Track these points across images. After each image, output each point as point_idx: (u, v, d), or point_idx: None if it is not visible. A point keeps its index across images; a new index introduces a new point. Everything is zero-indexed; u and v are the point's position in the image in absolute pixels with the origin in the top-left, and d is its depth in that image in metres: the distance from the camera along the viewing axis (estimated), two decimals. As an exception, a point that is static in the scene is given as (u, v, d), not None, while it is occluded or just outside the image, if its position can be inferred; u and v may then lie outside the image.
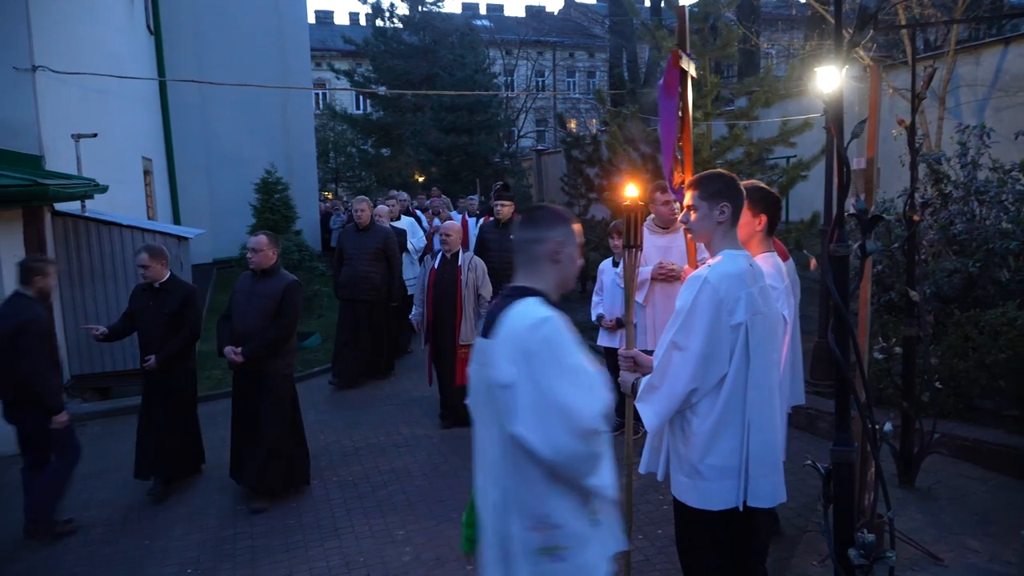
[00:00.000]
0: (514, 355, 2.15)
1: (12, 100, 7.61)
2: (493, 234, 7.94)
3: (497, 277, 7.43)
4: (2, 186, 6.73)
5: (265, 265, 5.66)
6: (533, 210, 2.50)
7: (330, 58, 33.85)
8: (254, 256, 5.64)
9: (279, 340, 5.61)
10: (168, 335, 5.82)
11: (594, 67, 42.39)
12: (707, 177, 2.98)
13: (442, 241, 7.11)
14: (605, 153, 11.44)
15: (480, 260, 7.14)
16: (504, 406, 2.17)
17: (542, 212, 2.45)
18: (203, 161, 16.70)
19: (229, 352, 5.57)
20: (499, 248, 7.75)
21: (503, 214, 7.85)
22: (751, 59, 17.58)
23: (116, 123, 11.09)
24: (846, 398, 2.68)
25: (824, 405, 6.13)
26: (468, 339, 6.83)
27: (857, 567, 2.63)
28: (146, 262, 5.80)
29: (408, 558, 4.71)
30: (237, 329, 5.65)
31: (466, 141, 20.38)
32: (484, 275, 7.01)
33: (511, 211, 7.85)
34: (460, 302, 6.87)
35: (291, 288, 5.66)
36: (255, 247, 5.67)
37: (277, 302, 5.60)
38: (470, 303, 6.91)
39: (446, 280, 6.96)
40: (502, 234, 7.79)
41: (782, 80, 9.69)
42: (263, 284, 5.66)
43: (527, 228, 2.39)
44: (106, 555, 5.09)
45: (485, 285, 6.98)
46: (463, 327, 6.89)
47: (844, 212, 2.63)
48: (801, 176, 8.70)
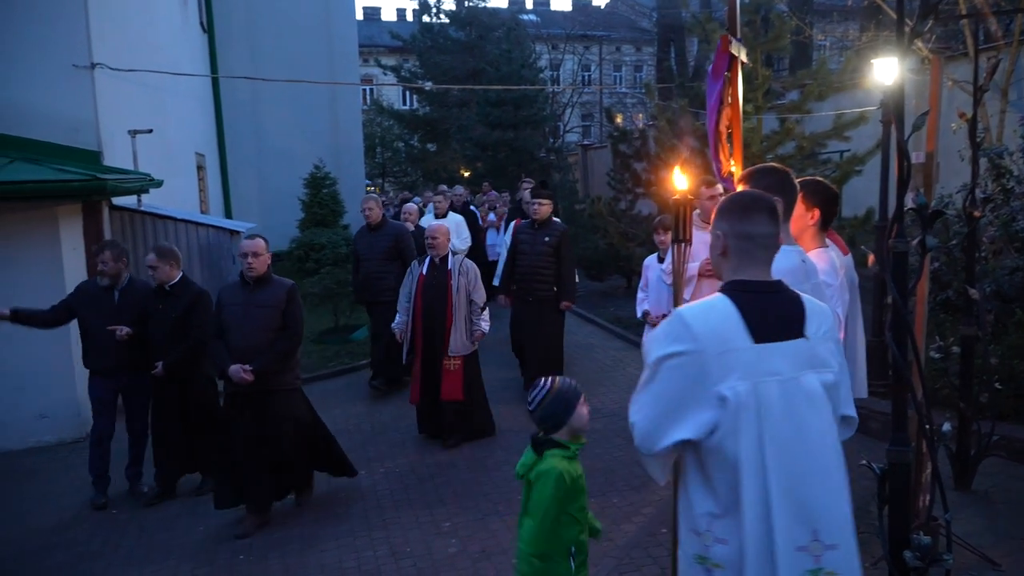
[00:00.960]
0: (834, 346, 2.21)
1: (72, 97, 7.81)
2: (527, 235, 7.38)
3: (528, 283, 7.24)
4: (64, 181, 6.94)
5: (262, 271, 5.16)
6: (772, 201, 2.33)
7: (377, 54, 34.11)
8: (254, 261, 5.09)
9: (291, 352, 5.22)
10: (175, 340, 5.59)
11: (641, 61, 42.05)
12: (759, 171, 2.93)
13: (429, 245, 6.51)
14: (653, 147, 11.35)
15: (472, 264, 6.58)
16: (835, 396, 2.20)
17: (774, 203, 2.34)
18: (254, 156, 16.99)
19: (237, 371, 4.97)
20: (532, 251, 7.29)
21: (540, 213, 7.30)
22: (804, 51, 17.27)
23: (171, 119, 11.33)
24: (903, 397, 2.62)
25: (876, 405, 6.00)
26: (458, 350, 6.35)
27: (912, 569, 2.58)
28: (153, 263, 5.62)
29: (454, 550, 4.74)
30: (237, 346, 5.06)
31: (512, 136, 20.37)
32: (476, 279, 6.46)
33: (549, 210, 7.38)
34: (451, 310, 6.33)
35: (293, 293, 5.24)
36: (255, 251, 5.11)
37: (280, 311, 5.15)
38: (461, 310, 6.36)
39: (435, 286, 6.40)
40: (536, 236, 7.30)
41: (836, 73, 9.50)
42: (260, 293, 5.14)
43: (776, 222, 2.29)
44: (162, 540, 5.23)
45: (477, 290, 6.45)
46: (453, 337, 6.33)
47: (904, 207, 2.56)
48: (855, 171, 8.51)
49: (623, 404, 7.27)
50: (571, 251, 7.52)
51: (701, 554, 2.16)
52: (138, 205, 8.77)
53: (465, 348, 6.38)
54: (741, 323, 2.11)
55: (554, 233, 7.28)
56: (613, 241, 11.44)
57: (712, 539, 2.13)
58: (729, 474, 2.09)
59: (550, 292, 7.28)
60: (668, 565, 4.17)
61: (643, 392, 2.21)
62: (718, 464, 2.11)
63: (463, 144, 22.93)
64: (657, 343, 2.19)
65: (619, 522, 4.97)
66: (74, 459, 6.70)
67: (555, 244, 7.23)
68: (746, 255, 2.23)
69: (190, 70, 12.60)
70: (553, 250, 7.21)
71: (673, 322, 2.18)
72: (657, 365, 2.15)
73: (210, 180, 14.69)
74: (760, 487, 2.06)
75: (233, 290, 5.25)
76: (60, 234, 7.25)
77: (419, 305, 6.44)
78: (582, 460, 3.15)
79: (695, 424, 2.09)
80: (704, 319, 2.13)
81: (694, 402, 2.09)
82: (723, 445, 2.07)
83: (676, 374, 2.11)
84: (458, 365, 6.35)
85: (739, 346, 2.09)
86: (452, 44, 26.54)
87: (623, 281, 13.94)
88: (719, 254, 2.29)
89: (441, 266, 6.46)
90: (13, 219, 7.07)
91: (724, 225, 2.27)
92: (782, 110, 9.33)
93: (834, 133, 8.73)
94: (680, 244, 3.22)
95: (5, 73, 7.56)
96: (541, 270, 7.24)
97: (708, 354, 2.07)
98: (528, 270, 7.29)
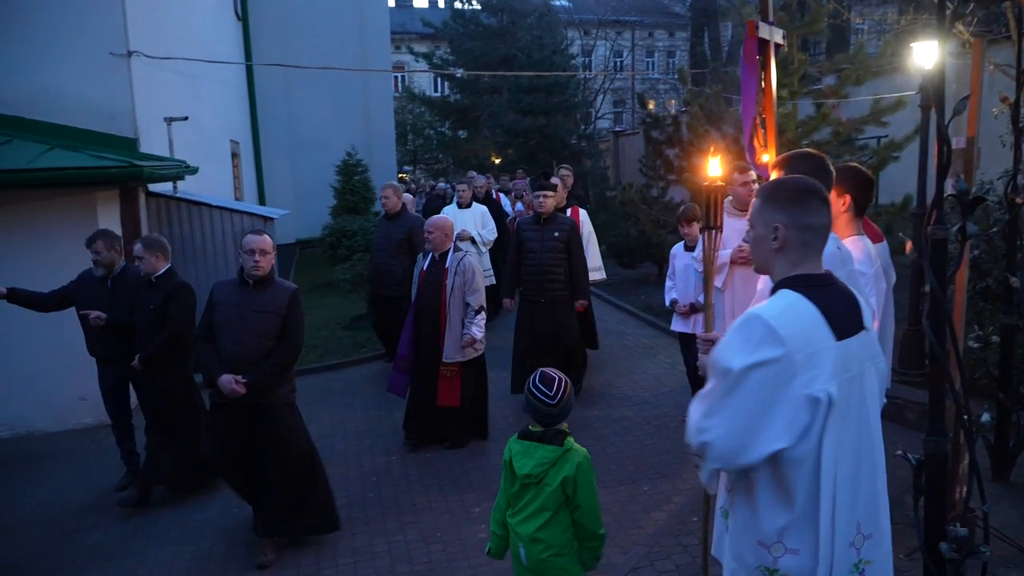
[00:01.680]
0: (876, 335, 2.26)
1: (109, 85, 7.92)
2: (533, 231, 6.80)
3: (539, 284, 6.68)
4: (102, 167, 7.05)
5: (268, 271, 4.59)
6: (823, 188, 2.25)
7: (409, 41, 34.13)
8: (262, 260, 4.52)
9: (289, 365, 4.65)
10: (155, 333, 5.31)
11: (674, 46, 41.60)
12: (795, 157, 2.88)
13: (425, 239, 6.13)
14: (686, 133, 11.22)
15: (472, 261, 6.10)
16: (882, 385, 2.22)
17: None
18: (287, 143, 17.13)
19: (228, 382, 4.38)
20: (540, 248, 6.70)
21: (546, 207, 6.71)
22: (841, 35, 16.94)
23: (206, 107, 11.45)
24: (941, 387, 2.58)
25: (913, 395, 5.92)
26: (452, 355, 5.95)
27: (948, 561, 2.54)
28: (140, 253, 5.37)
29: (484, 535, 4.76)
30: (229, 353, 4.47)
31: (543, 123, 20.29)
32: (473, 279, 5.97)
33: (555, 203, 6.86)
34: (444, 311, 5.91)
35: (296, 298, 4.66)
36: (263, 248, 4.53)
37: (282, 317, 4.56)
38: (456, 312, 5.93)
39: (432, 284, 5.99)
40: (544, 232, 6.72)
41: (874, 57, 9.31)
42: (262, 296, 4.54)
43: (829, 211, 2.22)
44: (198, 521, 5.32)
45: (474, 292, 5.94)
46: (447, 341, 5.92)
47: (943, 193, 2.51)
48: (893, 157, 8.35)
49: (653, 391, 7.31)
50: (581, 246, 6.94)
51: (768, 567, 2.09)
52: (174, 192, 8.89)
53: (461, 355, 5.98)
54: (823, 321, 2.03)
55: (563, 228, 6.74)
56: (644, 228, 11.37)
57: (783, 550, 2.06)
58: (808, 478, 2.02)
59: (564, 293, 6.74)
60: (698, 554, 4.16)
61: (721, 406, 2.04)
62: (798, 469, 2.02)
63: (494, 131, 22.90)
64: (736, 351, 2.02)
65: (649, 510, 4.96)
66: (112, 441, 6.83)
67: (565, 240, 6.70)
68: (807, 247, 2.14)
69: (225, 58, 12.71)
70: (564, 246, 6.68)
71: (753, 326, 2.02)
72: (742, 376, 1.99)
73: (244, 167, 14.85)
74: (832, 487, 2.01)
75: (229, 289, 4.63)
76: (98, 220, 7.36)
77: (416, 303, 6.12)
78: (612, 447, 3.15)
79: (790, 432, 1.98)
80: (788, 321, 2.01)
81: (784, 409, 1.98)
82: (807, 449, 2.00)
83: (764, 383, 1.98)
84: (455, 372, 5.99)
85: (825, 345, 2.02)
86: (484, 31, 26.47)
87: (654, 268, 13.86)
88: (774, 249, 2.16)
89: (440, 263, 6.04)
90: (53, 205, 7.21)
91: (781, 216, 2.14)
92: (818, 95, 9.17)
93: (871, 118, 8.57)
94: (711, 231, 3.19)
95: (44, 61, 7.69)
96: (553, 268, 6.68)
97: (796, 357, 1.97)
98: (537, 270, 6.70)
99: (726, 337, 2.12)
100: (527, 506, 3.02)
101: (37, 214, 7.21)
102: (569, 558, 3.03)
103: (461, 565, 4.48)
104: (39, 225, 7.20)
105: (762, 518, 2.09)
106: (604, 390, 7.43)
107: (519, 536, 3.03)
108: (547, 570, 3.02)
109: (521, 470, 2.99)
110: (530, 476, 2.98)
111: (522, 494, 3.03)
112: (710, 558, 3.19)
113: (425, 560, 4.57)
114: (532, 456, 3.01)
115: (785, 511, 2.05)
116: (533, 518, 3.00)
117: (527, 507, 3.02)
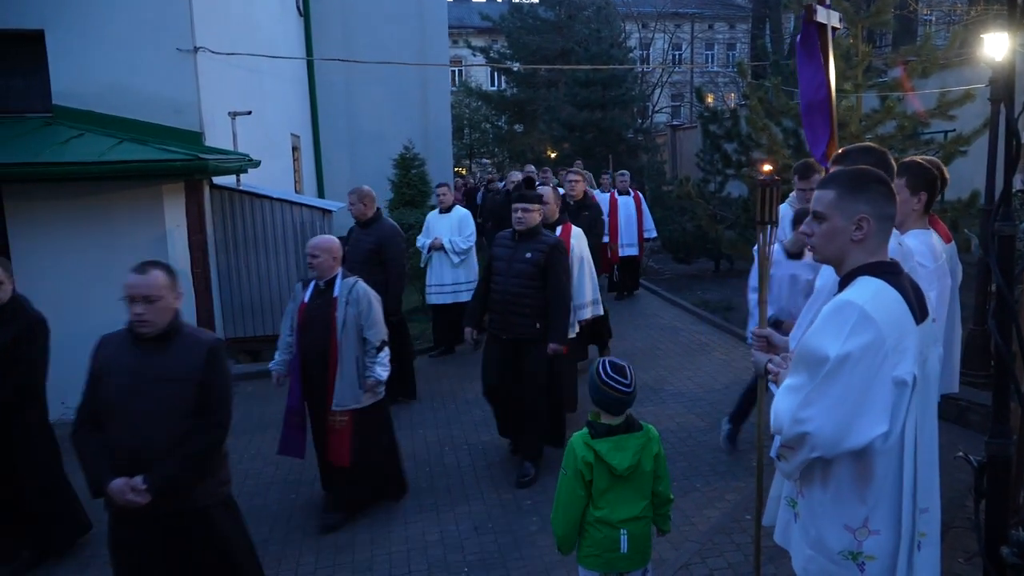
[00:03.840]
0: None
1: (176, 80, 8.16)
2: (504, 249, 5.52)
3: (504, 315, 5.41)
4: (168, 160, 7.27)
5: (161, 325, 3.18)
6: None
7: (467, 35, 34.25)
8: (146, 311, 3.15)
9: (211, 453, 3.26)
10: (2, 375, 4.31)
11: (734, 39, 40.93)
12: (856, 151, 2.85)
13: (309, 264, 4.95)
14: (744, 128, 11.07)
15: (366, 290, 4.90)
16: None
17: None
18: (346, 137, 17.37)
19: (121, 489, 3.05)
20: (507, 271, 5.40)
21: (527, 223, 5.40)
22: (907, 26, 16.46)
23: (268, 101, 11.69)
24: (1006, 388, 2.51)
25: (977, 397, 5.76)
26: (345, 402, 4.77)
27: (1009, 566, 2.48)
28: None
29: (535, 528, 4.80)
30: (123, 444, 3.13)
31: (600, 116, 20.17)
32: (371, 310, 4.84)
33: (537, 219, 5.50)
34: (334, 351, 4.76)
35: (216, 354, 3.27)
36: (147, 293, 3.17)
37: (196, 384, 3.18)
38: (349, 351, 4.77)
39: (318, 319, 4.81)
40: (515, 251, 5.42)
41: (942, 49, 9.03)
42: (161, 357, 3.17)
43: (895, 203, 2.28)
44: (256, 506, 5.46)
45: (373, 325, 4.85)
46: (338, 386, 4.75)
47: (1011, 188, 2.44)
48: (960, 152, 8.11)
49: (707, 388, 7.25)
50: (565, 271, 5.54)
51: (853, 550, 2.15)
52: (237, 184, 9.11)
53: (355, 400, 4.83)
54: (905, 307, 2.11)
55: (539, 248, 5.34)
56: (701, 223, 11.25)
57: (867, 532, 2.13)
58: (894, 460, 2.09)
59: (532, 329, 5.37)
60: (751, 552, 4.13)
61: (820, 395, 2.08)
62: (883, 451, 2.09)
63: (550, 125, 22.85)
64: (832, 338, 2.07)
65: (702, 507, 4.93)
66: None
67: (540, 263, 5.31)
68: (883, 236, 2.22)
69: (287, 53, 12.97)
70: (537, 271, 5.32)
71: (847, 312, 2.08)
72: (840, 362, 2.05)
73: (304, 161, 15.12)
74: (913, 467, 2.08)
75: (118, 348, 3.23)
76: (164, 212, 7.60)
77: (299, 344, 4.91)
78: (666, 443, 3.17)
79: (887, 415, 2.06)
80: (880, 306, 2.08)
81: (881, 393, 2.05)
82: (892, 431, 2.07)
83: (862, 368, 2.04)
84: (345, 422, 4.81)
85: (910, 329, 2.10)
86: (541, 24, 26.40)
87: (711, 264, 13.71)
88: (856, 240, 2.19)
89: (326, 292, 4.89)
90: (121, 197, 7.46)
91: (865, 207, 2.18)
92: (884, 88, 8.95)
93: (938, 111, 8.33)
94: (767, 225, 3.17)
95: (115, 58, 7.96)
96: (519, 298, 5.35)
97: (889, 342, 2.05)
98: (501, 298, 5.41)
99: (816, 325, 2.16)
100: (624, 493, 3.06)
101: (107, 206, 7.48)
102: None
103: (512, 556, 4.52)
104: (109, 216, 7.47)
105: (847, 503, 2.15)
106: (657, 386, 7.39)
107: (616, 525, 3.04)
108: (645, 546, 3.12)
109: (622, 464, 3.01)
110: (632, 467, 3.03)
111: (614, 485, 3.06)
112: (765, 546, 3.17)
113: (476, 551, 4.62)
114: (627, 448, 3.04)
115: (871, 494, 2.12)
116: (631, 502, 3.07)
117: (624, 494, 3.06)
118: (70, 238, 7.37)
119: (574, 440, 3.10)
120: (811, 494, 2.25)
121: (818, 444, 2.08)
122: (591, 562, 3.11)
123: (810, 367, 2.10)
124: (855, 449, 2.07)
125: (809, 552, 2.26)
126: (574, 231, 6.41)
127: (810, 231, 2.29)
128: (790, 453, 2.18)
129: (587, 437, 3.07)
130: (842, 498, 2.16)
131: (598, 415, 3.10)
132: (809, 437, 2.09)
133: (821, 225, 2.25)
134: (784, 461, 2.22)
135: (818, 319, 2.17)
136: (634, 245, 11.42)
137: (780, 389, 2.22)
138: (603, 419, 3.08)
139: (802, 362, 2.14)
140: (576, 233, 6.39)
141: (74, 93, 7.92)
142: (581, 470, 3.02)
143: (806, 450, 2.11)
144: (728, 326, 9.45)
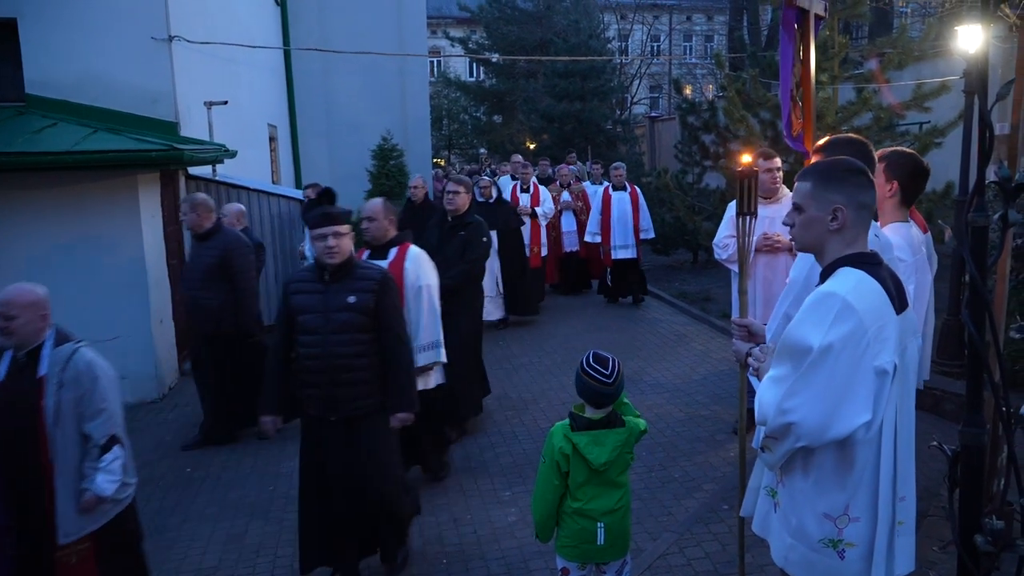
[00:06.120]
0: None
1: (151, 69, 8.05)
2: (313, 297, 3.88)
3: (325, 388, 3.78)
4: (143, 150, 7.17)
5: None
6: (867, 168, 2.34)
7: (445, 25, 34.07)
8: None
9: None
10: None
11: (712, 31, 41.02)
12: (837, 142, 2.86)
13: (3, 331, 3.28)
14: (722, 119, 11.10)
15: (91, 359, 3.38)
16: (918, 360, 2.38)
17: None
18: (323, 127, 17.22)
19: None
20: (324, 326, 3.80)
21: (341, 251, 3.81)
22: (883, 18, 16.57)
23: (244, 91, 11.56)
24: (979, 378, 2.53)
25: (951, 386, 5.83)
26: (72, 532, 3.27)
27: (983, 554, 2.51)
28: None
29: (513, 519, 4.81)
30: None
31: (579, 108, 20.17)
32: (95, 388, 3.31)
33: (349, 248, 3.87)
34: (46, 454, 3.22)
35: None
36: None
37: None
38: (68, 453, 3.26)
39: (17, 406, 3.26)
40: (328, 296, 3.84)
41: (917, 40, 9.11)
42: None
43: (874, 192, 2.32)
44: (235, 498, 5.42)
45: (97, 414, 3.30)
46: (61, 507, 3.24)
47: (985, 179, 2.46)
48: (935, 143, 8.20)
49: (685, 379, 7.28)
50: (398, 311, 4.06)
51: (832, 538, 2.17)
52: (213, 175, 9.01)
53: (90, 522, 3.33)
54: (886, 297, 2.13)
55: (363, 287, 3.85)
56: (680, 215, 11.29)
57: (847, 520, 2.16)
58: (873, 448, 2.13)
59: (372, 401, 3.91)
60: (728, 542, 4.16)
61: (804, 384, 2.09)
62: (865, 440, 2.12)
63: (529, 116, 22.81)
64: (814, 328, 2.08)
65: (680, 497, 4.95)
66: (152, 419, 6.98)
67: (368, 306, 3.83)
68: (861, 226, 2.22)
69: (263, 42, 12.82)
70: (366, 320, 3.84)
71: (829, 303, 2.09)
72: (823, 352, 2.05)
73: (281, 151, 14.99)
74: (892, 455, 2.12)
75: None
76: (140, 202, 7.50)
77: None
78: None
79: (869, 404, 2.08)
80: (862, 296, 2.10)
81: (862, 381, 2.07)
82: (874, 420, 2.09)
83: (845, 358, 2.06)
84: (85, 551, 3.34)
85: (890, 319, 2.12)
86: (520, 15, 26.32)
87: (689, 255, 13.77)
88: (833, 230, 2.21)
89: (28, 367, 3.30)
90: (96, 187, 7.34)
91: (839, 197, 2.19)
92: (859, 80, 9.01)
93: (914, 103, 8.41)
94: (745, 216, 3.18)
95: (88, 46, 7.84)
96: (351, 360, 3.81)
97: (870, 331, 2.06)
98: (319, 365, 3.79)
99: (799, 316, 2.17)
100: (601, 486, 3.05)
101: (81, 196, 7.35)
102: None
103: (491, 548, 4.52)
104: (83, 207, 7.34)
105: (828, 491, 2.17)
106: (636, 377, 7.41)
107: (593, 515, 3.04)
108: (623, 538, 3.12)
109: (598, 460, 2.99)
110: (608, 462, 3.01)
111: (591, 479, 3.04)
112: (746, 537, 3.19)
113: (456, 542, 4.61)
114: (605, 443, 3.03)
115: (851, 482, 2.15)
116: (608, 493, 3.06)
117: (601, 486, 3.05)
118: (43, 228, 7.22)
119: (555, 430, 3.09)
120: (792, 483, 2.27)
121: (803, 434, 2.10)
122: (568, 552, 3.11)
123: (793, 358, 2.12)
124: (839, 438, 2.09)
125: (790, 540, 2.28)
126: (411, 253, 4.84)
127: (791, 221, 2.32)
128: (775, 444, 2.19)
129: (567, 428, 3.06)
130: (823, 487, 2.18)
131: (582, 407, 3.10)
132: (794, 427, 2.10)
133: (800, 216, 2.28)
134: (768, 452, 2.24)
135: (801, 310, 2.18)
136: (629, 247, 10.26)
137: (764, 380, 2.23)
138: (586, 412, 3.08)
139: (785, 353, 2.15)
140: (413, 255, 4.84)
141: (48, 82, 7.80)
142: (558, 460, 3.02)
143: (791, 440, 2.13)
144: (706, 317, 9.50)
